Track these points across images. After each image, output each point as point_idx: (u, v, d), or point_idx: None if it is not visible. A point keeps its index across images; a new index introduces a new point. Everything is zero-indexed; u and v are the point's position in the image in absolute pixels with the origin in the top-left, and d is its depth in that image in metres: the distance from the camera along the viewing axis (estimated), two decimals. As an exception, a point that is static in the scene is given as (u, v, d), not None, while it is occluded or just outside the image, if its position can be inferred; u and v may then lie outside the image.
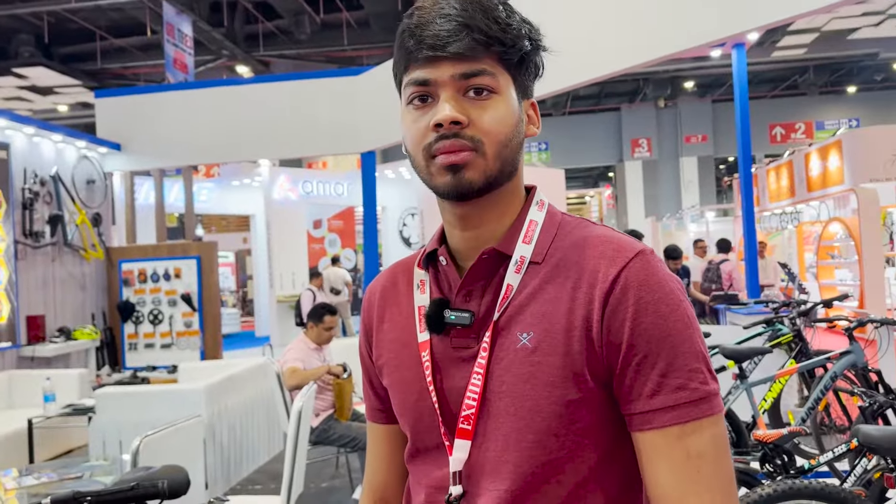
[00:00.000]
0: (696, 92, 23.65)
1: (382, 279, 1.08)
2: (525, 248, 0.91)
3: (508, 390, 0.87)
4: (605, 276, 0.85)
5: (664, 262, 0.89)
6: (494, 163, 0.88)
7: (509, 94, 0.89)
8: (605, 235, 0.90)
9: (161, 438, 2.77)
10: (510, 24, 0.87)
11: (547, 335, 0.86)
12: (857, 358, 3.95)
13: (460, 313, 0.92)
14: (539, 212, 0.95)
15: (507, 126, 0.89)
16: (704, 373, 0.84)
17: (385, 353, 1.01)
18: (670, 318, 0.84)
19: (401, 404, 0.98)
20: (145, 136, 7.75)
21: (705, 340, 0.88)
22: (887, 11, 15.66)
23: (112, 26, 14.75)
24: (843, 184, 11.80)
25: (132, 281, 7.47)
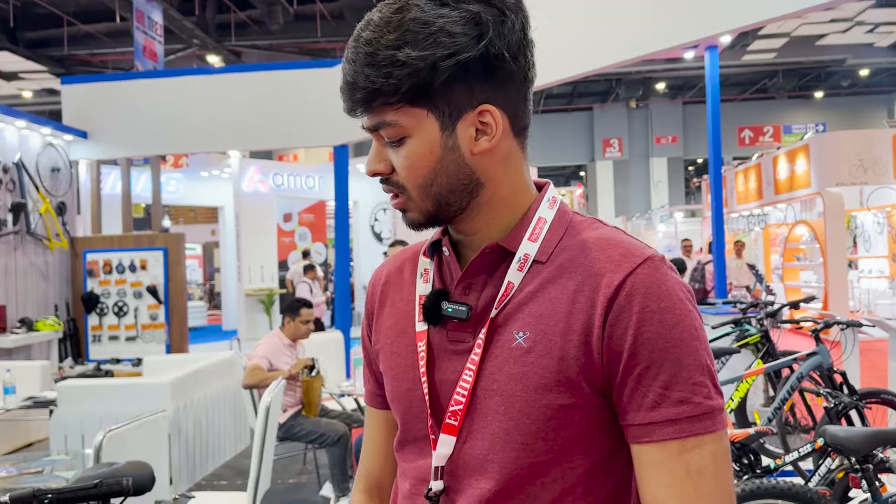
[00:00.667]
0: (668, 93, 23.90)
1: (389, 265, 1.07)
2: (530, 246, 0.89)
3: (499, 389, 0.85)
4: (609, 282, 0.82)
5: (674, 269, 0.86)
6: (426, 202, 0.88)
7: (423, 131, 0.85)
8: (614, 238, 0.87)
9: (125, 433, 2.71)
10: (396, 62, 0.81)
11: (543, 336, 0.84)
12: (823, 359, 4.01)
13: (457, 306, 0.90)
14: (549, 209, 0.92)
15: (421, 167, 0.86)
16: (709, 387, 0.81)
17: (382, 339, 1.01)
18: (676, 328, 0.81)
19: (393, 391, 0.98)
20: (113, 125, 7.60)
21: None
22: (855, 19, 15.95)
23: (80, 12, 14.45)
24: (809, 187, 12.01)
25: (97, 272, 7.33)
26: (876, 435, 2.50)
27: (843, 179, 11.41)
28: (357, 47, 0.84)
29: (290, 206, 14.69)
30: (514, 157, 0.91)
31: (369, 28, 0.84)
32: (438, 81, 0.82)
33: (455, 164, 0.86)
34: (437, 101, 0.84)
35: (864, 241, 13.63)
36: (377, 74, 0.82)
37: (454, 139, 0.86)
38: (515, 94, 0.88)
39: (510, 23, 0.84)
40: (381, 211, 14.55)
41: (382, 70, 0.81)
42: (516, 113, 0.89)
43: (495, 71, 0.85)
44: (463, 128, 0.86)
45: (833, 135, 13.75)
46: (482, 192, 0.89)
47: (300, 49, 16.64)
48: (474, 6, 0.83)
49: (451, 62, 0.81)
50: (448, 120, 0.85)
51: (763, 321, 4.71)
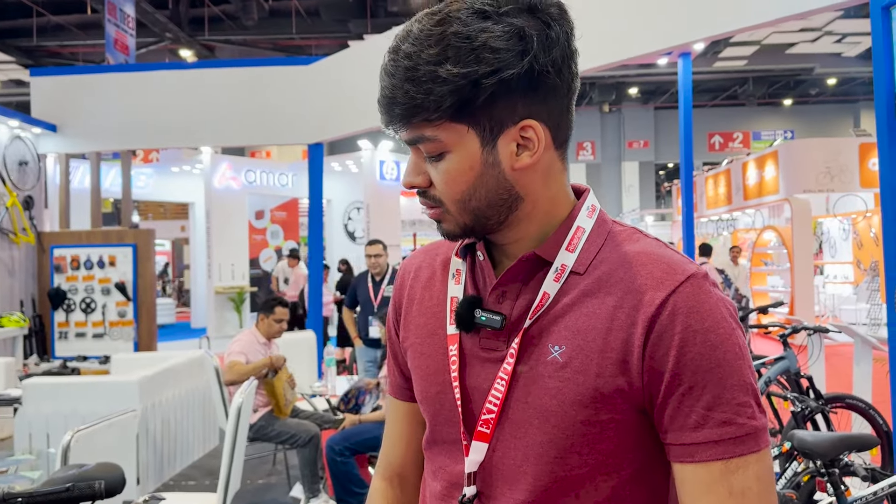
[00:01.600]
0: (640, 98, 24.12)
1: (419, 258, 1.05)
2: (568, 257, 0.87)
3: (534, 402, 0.84)
4: (651, 300, 0.81)
5: (716, 286, 0.85)
6: (463, 216, 0.87)
7: (462, 147, 0.83)
8: (656, 253, 0.85)
9: (93, 433, 2.67)
10: (437, 78, 0.79)
11: (580, 352, 0.83)
12: (791, 364, 4.08)
13: (491, 315, 0.88)
14: (588, 218, 0.90)
15: (459, 183, 0.85)
16: (753, 407, 0.80)
17: (411, 337, 0.99)
18: (720, 348, 0.79)
19: (422, 392, 0.97)
20: (83, 118, 7.47)
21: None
22: (823, 28, 16.24)
23: (50, 2, 14.20)
24: (777, 193, 12.20)
25: (64, 267, 7.20)
26: (843, 440, 2.55)
27: (811, 186, 11.61)
28: (396, 60, 0.82)
29: (263, 204, 14.59)
30: (554, 170, 0.89)
31: (409, 41, 0.82)
32: (481, 98, 0.80)
33: (495, 179, 0.85)
34: (479, 117, 0.82)
35: (829, 247, 13.89)
36: (417, 90, 0.80)
37: (495, 155, 0.84)
38: (558, 107, 0.86)
39: (554, 35, 0.82)
40: (355, 210, 14.50)
41: (423, 86, 0.80)
42: (559, 126, 0.87)
43: (539, 85, 0.82)
44: (504, 143, 0.84)
45: (801, 142, 13.99)
46: (521, 207, 0.87)
47: (275, 45, 16.53)
48: (518, 19, 0.81)
49: (494, 79, 0.79)
50: (489, 135, 0.83)
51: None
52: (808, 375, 4.05)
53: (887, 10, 3.50)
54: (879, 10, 3.52)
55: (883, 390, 4.03)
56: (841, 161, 11.43)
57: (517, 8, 0.81)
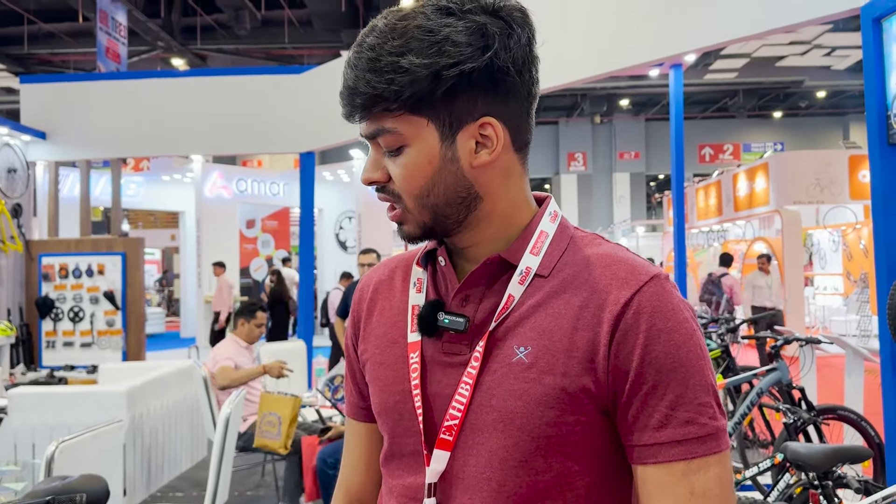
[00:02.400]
0: (631, 110, 24.25)
1: (378, 272, 1.04)
2: (532, 260, 0.87)
3: (498, 404, 0.83)
4: (616, 299, 0.81)
5: (677, 288, 0.85)
6: (422, 214, 0.87)
7: (422, 141, 0.83)
8: (619, 255, 0.86)
9: (78, 444, 2.63)
10: (398, 68, 0.80)
11: (546, 352, 0.82)
12: (783, 375, 4.07)
13: (455, 317, 0.87)
14: (551, 223, 0.90)
15: (417, 178, 0.85)
16: (714, 407, 0.80)
17: (370, 349, 0.97)
18: (683, 347, 0.80)
19: (380, 404, 0.94)
20: (73, 126, 7.43)
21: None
22: (813, 42, 16.38)
23: (41, 10, 14.16)
24: (768, 205, 12.25)
25: (52, 276, 7.14)
26: (835, 452, 2.53)
27: (801, 198, 11.67)
28: (360, 52, 0.83)
29: (254, 213, 14.55)
30: (514, 173, 0.89)
31: (373, 34, 0.83)
32: (440, 90, 0.81)
33: (453, 175, 0.85)
34: (439, 111, 0.82)
35: (819, 259, 13.95)
36: (378, 80, 0.80)
37: (454, 150, 0.84)
38: (518, 108, 0.86)
39: (517, 36, 0.83)
40: (347, 219, 14.47)
41: (384, 76, 0.80)
42: (518, 128, 0.87)
43: (499, 84, 0.83)
44: (463, 139, 0.84)
45: (791, 154, 14.09)
46: (480, 206, 0.87)
47: (267, 54, 16.54)
48: (481, 17, 0.82)
49: (455, 71, 0.80)
50: (448, 130, 0.83)
51: (724, 336, 4.77)
52: (799, 387, 4.04)
53: (878, 22, 3.51)
54: (870, 21, 3.53)
55: (874, 402, 4.02)
56: (831, 173, 11.50)
57: (481, 7, 0.83)
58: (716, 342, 4.80)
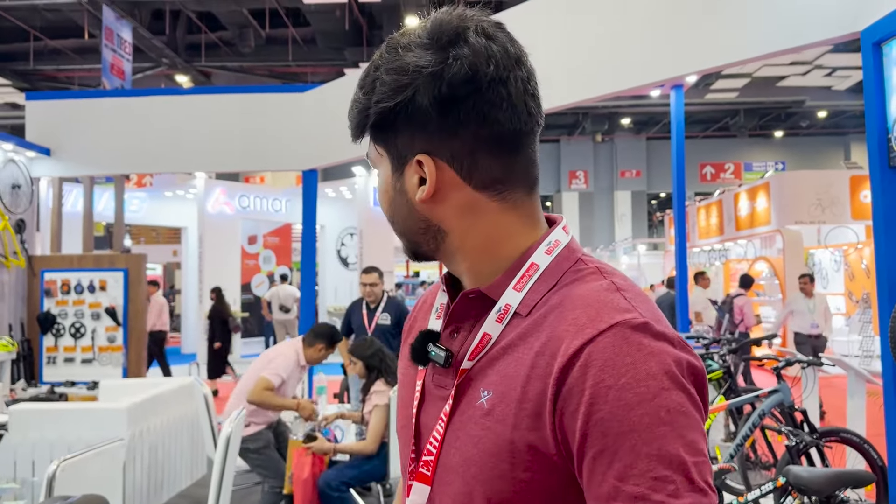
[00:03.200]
0: (632, 128, 24.33)
1: (425, 293, 1.06)
2: (513, 297, 0.81)
3: (460, 447, 0.79)
4: (566, 349, 0.72)
5: (662, 337, 0.72)
6: (399, 236, 0.90)
7: (383, 170, 0.87)
8: (593, 297, 0.76)
9: (79, 462, 2.62)
10: (354, 100, 0.85)
11: (502, 400, 0.76)
12: (785, 397, 4.06)
13: (439, 350, 0.85)
14: (546, 255, 0.82)
15: (383, 202, 0.89)
16: (675, 482, 0.66)
17: (401, 367, 0.99)
18: (636, 409, 0.68)
19: (396, 423, 0.97)
20: (77, 142, 7.46)
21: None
22: (814, 62, 16.46)
23: (47, 27, 14.27)
24: (769, 224, 12.26)
25: (54, 291, 7.14)
26: (838, 476, 2.52)
27: (802, 218, 11.68)
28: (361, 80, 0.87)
29: (256, 229, 14.57)
30: (482, 210, 0.82)
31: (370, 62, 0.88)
32: (372, 125, 0.84)
33: (406, 207, 0.85)
34: (389, 144, 0.84)
35: (821, 279, 13.92)
36: (350, 109, 0.86)
37: (402, 183, 0.84)
38: (465, 148, 0.80)
39: (450, 74, 0.77)
40: (348, 236, 14.49)
41: (352, 105, 0.86)
42: (472, 167, 0.81)
43: (429, 123, 0.79)
44: (409, 174, 0.83)
45: (793, 174, 14.11)
46: (447, 240, 0.85)
47: (271, 72, 16.64)
48: (414, 54, 0.79)
49: (374, 109, 0.82)
50: (397, 163, 0.84)
51: (725, 357, 4.76)
52: (802, 409, 4.03)
53: (878, 46, 3.54)
54: (870, 46, 3.56)
55: (877, 424, 4.01)
56: (832, 193, 11.52)
57: (425, 44, 0.79)
58: (717, 363, 4.79)
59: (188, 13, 14.12)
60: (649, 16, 5.11)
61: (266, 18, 14.05)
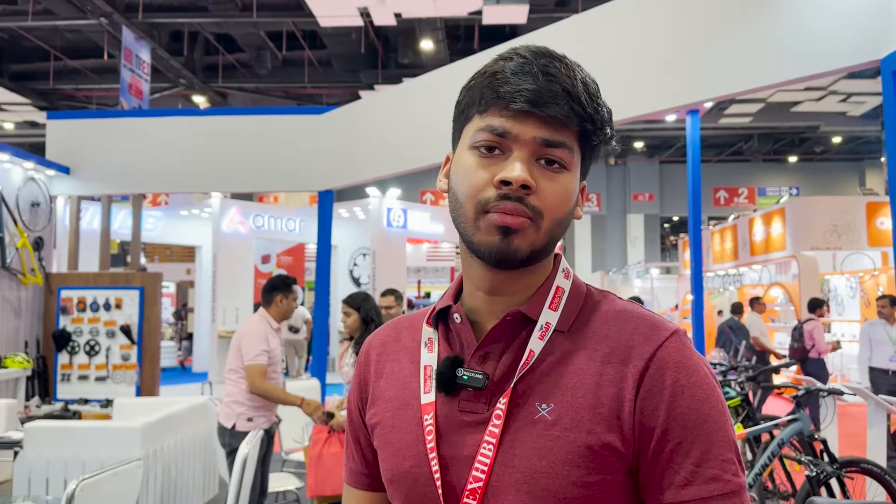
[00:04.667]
0: (645, 152, 24.33)
1: (384, 332, 1.01)
2: (551, 315, 0.87)
3: (521, 464, 0.80)
4: (640, 354, 0.81)
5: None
6: (544, 238, 0.85)
7: (576, 173, 0.88)
8: (637, 311, 0.87)
9: (98, 482, 2.62)
10: (601, 104, 0.86)
11: (570, 409, 0.80)
12: (804, 426, 4.01)
13: (474, 374, 0.85)
14: (565, 280, 0.91)
15: (566, 204, 0.86)
16: (736, 464, 0.79)
17: (380, 412, 0.93)
18: (706, 402, 0.79)
19: (392, 470, 0.90)
20: (96, 161, 7.54)
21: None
22: (828, 88, 16.45)
23: (67, 47, 14.49)
24: (784, 250, 12.19)
25: (70, 309, 7.18)
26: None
27: (818, 244, 11.62)
28: (566, 65, 0.86)
29: (269, 248, 14.64)
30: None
31: (565, 61, 0.87)
32: (604, 140, 0.88)
33: (570, 216, 0.89)
34: (587, 157, 0.90)
35: (836, 305, 13.81)
36: (593, 105, 0.85)
37: (576, 196, 0.90)
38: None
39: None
40: (361, 256, 14.51)
41: (593, 103, 0.85)
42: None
43: (595, 160, 0.92)
44: (578, 191, 0.91)
45: (808, 200, 14.06)
46: (552, 251, 0.91)
47: (286, 93, 16.79)
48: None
49: (609, 135, 0.88)
50: (582, 175, 0.91)
51: (744, 384, 4.72)
52: (822, 438, 3.98)
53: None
54: (891, 74, 3.56)
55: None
56: (848, 219, 11.46)
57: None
58: (735, 390, 4.74)
59: (206, 35, 14.29)
60: (666, 41, 5.13)
61: (283, 41, 14.20)
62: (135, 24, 12.08)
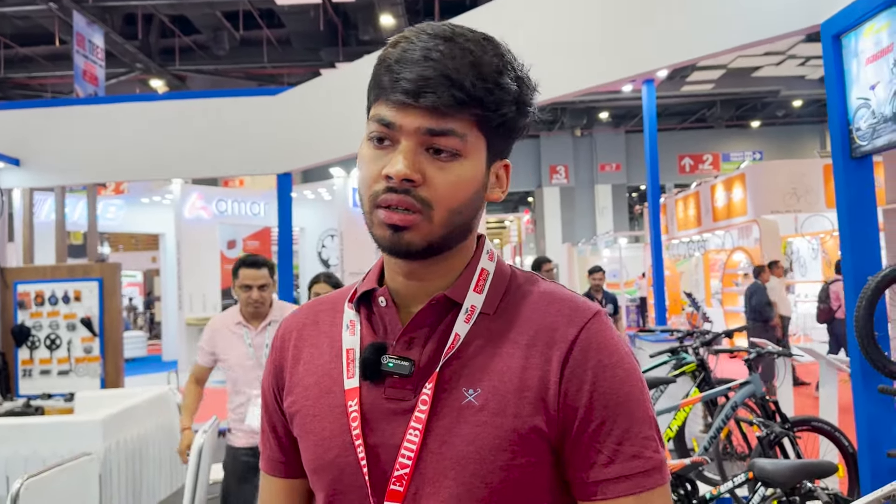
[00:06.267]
0: (611, 122, 24.42)
1: (301, 315, 0.98)
2: (476, 298, 0.86)
3: (449, 451, 0.80)
4: (563, 336, 0.82)
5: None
6: (440, 229, 0.82)
7: (476, 158, 0.82)
8: (560, 293, 0.87)
9: (46, 479, 2.60)
10: (500, 83, 0.80)
11: (496, 393, 0.80)
12: (756, 388, 4.10)
13: (399, 361, 0.84)
14: (490, 262, 0.90)
15: (463, 192, 0.82)
16: (656, 440, 0.81)
17: (300, 400, 0.90)
18: (627, 381, 0.81)
19: (315, 459, 0.87)
20: (48, 151, 7.38)
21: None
22: (787, 52, 16.58)
23: (18, 34, 14.12)
24: (746, 215, 12.36)
25: (28, 303, 7.06)
26: (802, 467, 2.56)
27: (778, 207, 11.79)
28: (453, 48, 0.79)
29: (235, 233, 14.49)
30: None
31: (460, 39, 0.80)
32: (510, 119, 0.83)
33: (479, 202, 0.86)
34: (498, 137, 0.85)
35: (799, 266, 14.06)
36: (484, 85, 0.79)
37: (487, 178, 0.86)
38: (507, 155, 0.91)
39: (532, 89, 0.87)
40: (329, 237, 14.43)
41: (486, 83, 0.79)
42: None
43: (520, 133, 0.87)
44: (493, 171, 0.87)
45: (767, 164, 14.24)
46: (466, 238, 0.88)
47: (246, 74, 16.55)
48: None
49: (528, 109, 0.85)
50: (490, 158, 0.86)
51: (699, 349, 4.80)
52: (774, 399, 4.06)
53: (837, 39, 3.57)
54: (830, 38, 3.59)
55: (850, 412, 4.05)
56: (806, 182, 11.63)
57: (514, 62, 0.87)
58: (692, 356, 4.82)
59: (161, 17, 14.01)
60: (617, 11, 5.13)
61: (240, 20, 13.96)
62: (86, 8, 11.79)
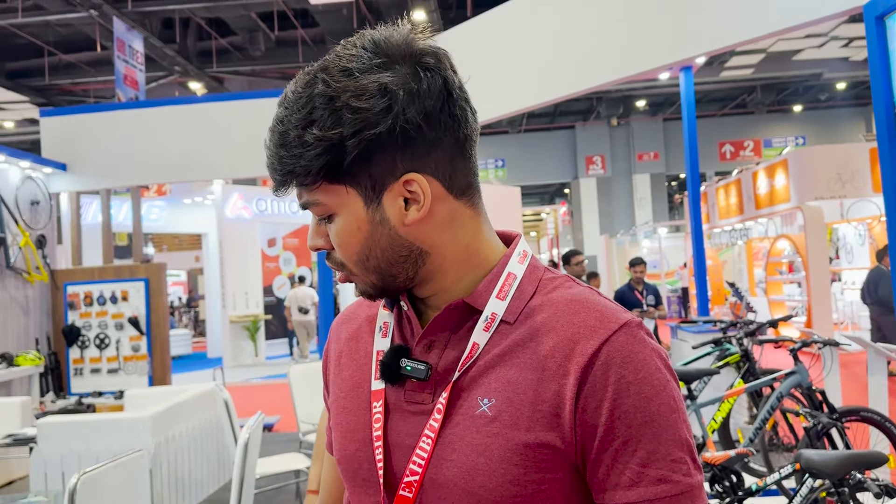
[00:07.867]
0: (648, 111, 24.10)
1: (349, 312, 1.01)
2: (498, 305, 0.82)
3: (459, 459, 0.78)
4: (583, 349, 0.76)
5: (651, 335, 0.80)
6: (368, 276, 0.84)
7: (348, 208, 0.81)
8: (588, 300, 0.81)
9: (100, 475, 2.68)
10: (305, 142, 0.77)
11: (510, 405, 0.77)
12: (802, 378, 4.03)
13: (416, 364, 0.83)
14: (520, 265, 0.86)
15: (351, 244, 0.82)
16: (688, 463, 0.76)
17: (336, 392, 0.93)
18: (654, 400, 0.75)
19: (340, 451, 0.89)
20: (93, 156, 7.57)
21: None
22: (829, 34, 16.19)
23: (61, 42, 14.46)
24: (789, 202, 12.11)
25: (78, 304, 7.27)
26: (849, 458, 2.51)
27: (822, 193, 11.53)
28: (273, 127, 0.81)
29: (275, 232, 14.68)
30: (461, 219, 0.84)
31: (283, 105, 0.81)
32: (349, 159, 0.77)
33: (387, 237, 0.81)
34: (357, 177, 0.79)
35: (846, 253, 13.74)
36: (289, 156, 0.79)
37: (382, 212, 0.81)
38: (447, 155, 0.81)
39: (426, 86, 0.79)
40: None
41: (292, 151, 0.78)
42: (454, 174, 0.83)
43: (415, 139, 0.78)
44: (390, 199, 0.80)
45: (811, 150, 13.94)
46: (429, 260, 0.83)
47: (282, 74, 16.71)
48: (384, 74, 0.78)
49: (357, 139, 0.76)
50: (372, 194, 0.80)
51: (743, 340, 4.73)
52: (821, 389, 3.99)
53: (881, 20, 3.49)
54: (873, 20, 3.51)
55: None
56: (851, 167, 11.35)
57: (383, 63, 0.79)
58: (735, 346, 4.76)
59: (197, 20, 14.22)
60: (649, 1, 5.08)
61: (275, 21, 14.10)
62: (125, 14, 12.02)
